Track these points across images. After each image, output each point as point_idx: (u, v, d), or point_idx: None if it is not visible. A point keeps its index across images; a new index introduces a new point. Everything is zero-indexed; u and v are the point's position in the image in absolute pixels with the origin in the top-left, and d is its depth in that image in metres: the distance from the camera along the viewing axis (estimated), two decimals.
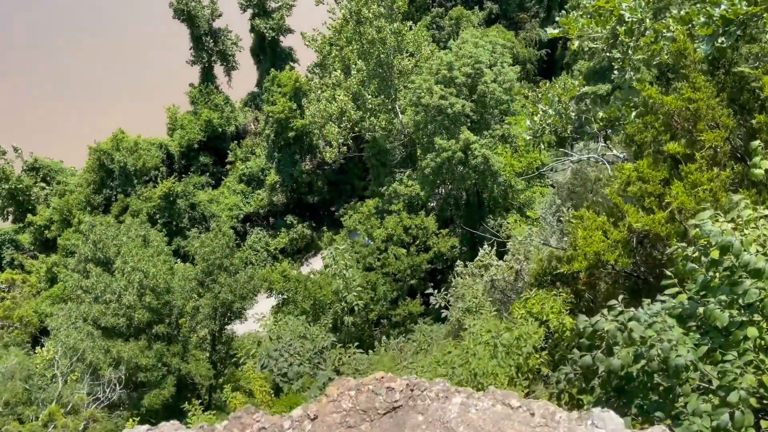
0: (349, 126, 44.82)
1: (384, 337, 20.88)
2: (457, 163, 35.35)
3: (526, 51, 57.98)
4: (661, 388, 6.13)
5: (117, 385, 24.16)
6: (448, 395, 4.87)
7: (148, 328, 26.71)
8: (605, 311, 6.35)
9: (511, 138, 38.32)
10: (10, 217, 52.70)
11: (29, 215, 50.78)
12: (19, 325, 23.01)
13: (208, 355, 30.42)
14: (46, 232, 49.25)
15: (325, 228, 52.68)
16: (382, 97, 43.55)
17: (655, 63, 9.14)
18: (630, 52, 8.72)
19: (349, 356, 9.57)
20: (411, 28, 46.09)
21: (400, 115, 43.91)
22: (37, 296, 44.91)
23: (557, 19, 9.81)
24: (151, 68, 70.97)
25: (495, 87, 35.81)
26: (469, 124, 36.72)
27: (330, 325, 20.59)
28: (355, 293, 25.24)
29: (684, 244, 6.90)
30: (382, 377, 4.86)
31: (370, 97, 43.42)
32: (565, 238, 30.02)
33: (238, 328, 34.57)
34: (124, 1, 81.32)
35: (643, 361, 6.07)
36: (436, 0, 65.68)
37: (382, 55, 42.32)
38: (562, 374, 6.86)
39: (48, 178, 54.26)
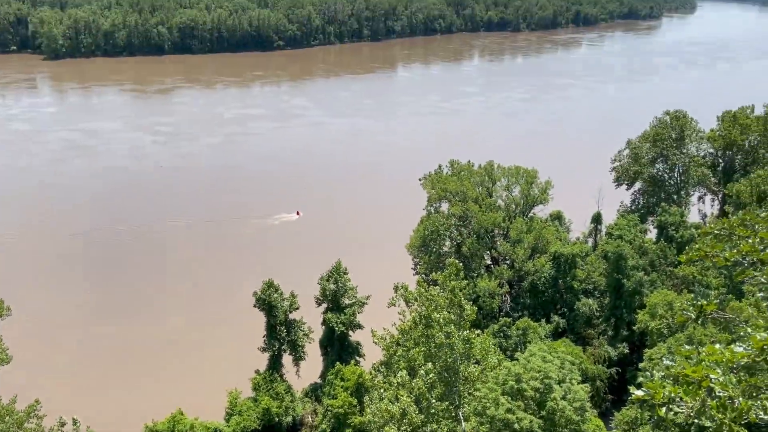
0: (409, 429, 42.97)
1: None
2: None
3: (595, 368, 56.79)
4: None
5: None
6: None
7: None
8: None
9: None
10: None
11: None
12: None
13: None
14: None
15: None
16: (446, 402, 42.32)
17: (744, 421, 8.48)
18: (724, 429, 8.17)
19: None
20: (479, 335, 46.74)
21: (463, 424, 41.97)
22: None
23: (641, 379, 9.60)
24: (221, 348, 73.56)
25: (564, 405, 34.37)
26: None
27: None
28: None
29: None
30: None
31: (434, 401, 42.30)
32: None
33: None
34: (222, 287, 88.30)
35: None
36: (504, 309, 67.79)
37: (449, 360, 42.37)
38: None
39: None
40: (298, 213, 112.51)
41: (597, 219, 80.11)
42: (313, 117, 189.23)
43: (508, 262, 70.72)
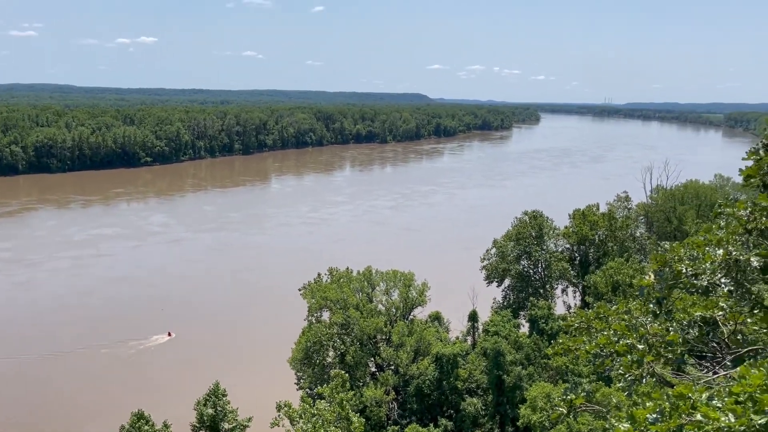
0: None
1: None
2: None
3: None
4: None
5: None
6: None
7: None
8: None
9: None
10: None
11: None
12: None
13: None
14: None
15: None
16: None
17: None
18: None
19: None
20: None
21: None
22: None
23: None
24: None
25: None
26: None
27: None
28: None
29: None
30: None
31: None
32: None
33: None
34: None
35: None
36: (392, 417, 66.60)
37: None
38: None
39: None
40: (169, 334, 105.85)
41: (473, 317, 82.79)
42: (173, 233, 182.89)
43: (392, 367, 70.37)
